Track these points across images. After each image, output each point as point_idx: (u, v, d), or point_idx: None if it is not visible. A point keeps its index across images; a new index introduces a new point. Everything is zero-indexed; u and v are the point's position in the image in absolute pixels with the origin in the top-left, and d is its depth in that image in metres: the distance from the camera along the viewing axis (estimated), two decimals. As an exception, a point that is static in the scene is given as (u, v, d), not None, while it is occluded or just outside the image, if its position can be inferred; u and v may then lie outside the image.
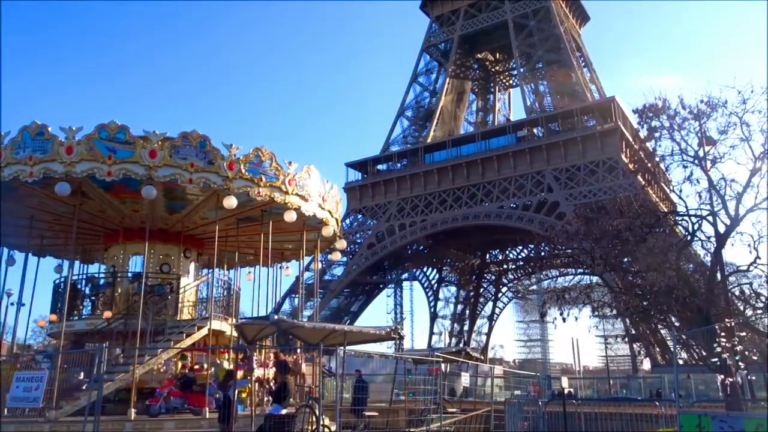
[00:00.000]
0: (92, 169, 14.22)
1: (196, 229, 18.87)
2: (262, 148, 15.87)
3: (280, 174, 16.08)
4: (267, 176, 15.74)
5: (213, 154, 15.01)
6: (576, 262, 21.27)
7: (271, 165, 15.93)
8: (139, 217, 17.71)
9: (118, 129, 14.53)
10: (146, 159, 14.38)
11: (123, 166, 14.33)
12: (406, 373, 21.60)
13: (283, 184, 16.07)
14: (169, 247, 18.75)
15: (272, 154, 15.99)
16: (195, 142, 14.95)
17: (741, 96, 15.77)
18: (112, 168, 14.24)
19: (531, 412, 17.99)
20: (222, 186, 14.99)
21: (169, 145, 14.63)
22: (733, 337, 12.54)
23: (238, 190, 15.17)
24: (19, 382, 12.83)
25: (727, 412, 12.41)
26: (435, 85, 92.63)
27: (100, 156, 14.24)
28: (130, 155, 14.39)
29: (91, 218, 17.64)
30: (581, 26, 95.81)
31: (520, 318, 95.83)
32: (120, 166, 14.31)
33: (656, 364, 59.80)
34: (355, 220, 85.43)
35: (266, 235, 16.70)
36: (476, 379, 28.54)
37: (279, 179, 16.01)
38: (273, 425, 12.84)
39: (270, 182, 15.78)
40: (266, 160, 15.85)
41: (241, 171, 15.22)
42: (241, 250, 21.34)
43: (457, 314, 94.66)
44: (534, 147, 73.70)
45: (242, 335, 15.34)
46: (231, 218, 17.50)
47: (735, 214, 15.74)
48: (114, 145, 14.39)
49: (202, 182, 14.90)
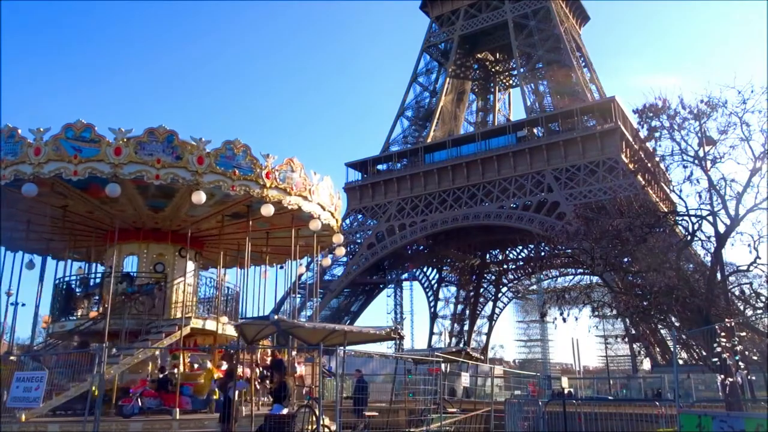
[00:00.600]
0: (59, 169, 14.12)
1: (192, 227, 18.53)
2: (235, 140, 15.34)
3: (256, 167, 15.45)
4: (241, 169, 15.17)
5: (181, 149, 14.60)
6: (576, 262, 21.22)
7: (246, 158, 15.33)
8: (130, 217, 17.65)
9: (84, 128, 14.40)
10: (111, 157, 14.14)
11: (88, 164, 14.15)
12: (406, 373, 21.60)
13: (260, 177, 15.42)
14: (163, 246, 18.50)
15: (246, 146, 15.41)
16: (162, 137, 14.58)
17: (741, 96, 15.72)
18: (78, 167, 14.12)
19: (531, 412, 17.99)
20: (191, 181, 14.54)
21: (135, 142, 14.38)
22: (733, 337, 12.51)
23: (209, 185, 14.72)
24: (19, 382, 12.83)
25: (727, 412, 12.40)
26: (435, 85, 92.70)
27: (66, 156, 14.13)
28: (95, 153, 14.20)
29: (83, 220, 17.61)
30: (581, 26, 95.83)
31: (520, 318, 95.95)
32: (85, 165, 14.14)
33: (656, 364, 59.85)
34: (355, 220, 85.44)
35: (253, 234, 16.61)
36: (476, 379, 28.54)
37: (255, 172, 15.38)
38: (273, 425, 12.85)
39: (245, 175, 15.19)
40: (240, 153, 15.27)
41: (212, 165, 14.73)
42: (242, 250, 21.35)
43: (457, 314, 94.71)
44: (534, 147, 73.73)
45: (242, 335, 15.34)
46: (218, 215, 17.19)
47: (735, 214, 15.72)
48: (80, 144, 14.27)
49: (170, 178, 14.44)
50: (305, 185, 16.75)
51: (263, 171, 15.52)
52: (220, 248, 20.24)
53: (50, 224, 17.71)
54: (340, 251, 22.57)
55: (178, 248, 18.68)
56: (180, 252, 18.72)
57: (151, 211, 17.27)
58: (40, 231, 18.18)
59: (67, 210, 16.67)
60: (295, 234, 18.32)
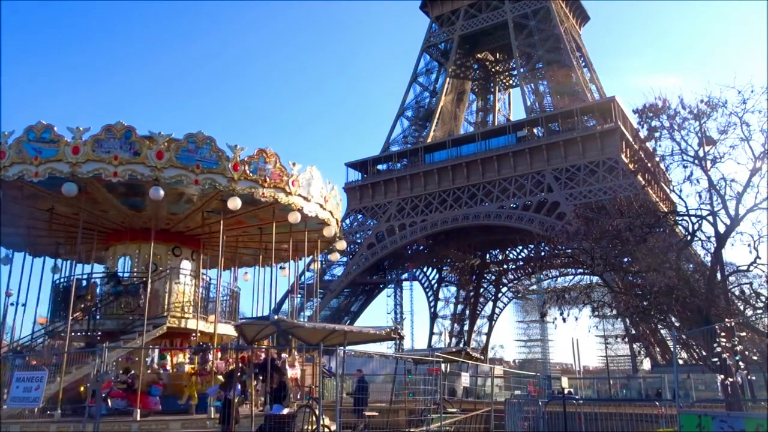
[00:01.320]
0: (22, 171, 14.25)
1: (180, 225, 18.57)
2: (198, 133, 15.03)
3: (222, 159, 15.10)
4: (205, 162, 14.86)
5: (139, 145, 14.48)
6: (576, 262, 21.21)
7: (210, 150, 15.01)
8: (117, 218, 17.65)
9: (44, 129, 14.48)
10: (69, 156, 14.16)
11: (48, 165, 14.20)
12: (406, 373, 21.60)
13: (227, 170, 15.07)
14: (156, 246, 18.16)
15: (209, 138, 15.08)
16: (119, 133, 14.51)
17: (741, 96, 15.71)
18: (39, 168, 14.19)
19: (531, 412, 17.99)
20: (151, 177, 14.39)
21: (93, 140, 14.38)
22: (733, 337, 12.51)
23: (170, 180, 14.53)
24: (19, 382, 12.82)
25: (727, 412, 12.40)
26: (435, 85, 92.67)
27: (28, 158, 14.22)
28: (54, 154, 14.25)
29: (74, 222, 17.62)
30: (581, 26, 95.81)
31: (520, 318, 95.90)
32: (46, 166, 14.20)
33: (656, 364, 59.80)
34: (355, 220, 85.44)
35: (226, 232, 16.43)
36: (476, 379, 28.54)
37: (221, 164, 15.05)
38: (273, 425, 12.85)
39: (209, 169, 14.88)
40: (203, 145, 14.95)
41: (172, 159, 14.55)
42: (240, 250, 21.35)
43: (457, 314, 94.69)
44: (534, 147, 73.71)
45: (242, 335, 15.34)
46: (199, 212, 17.05)
47: (735, 214, 15.71)
48: (40, 145, 14.32)
49: (127, 174, 14.34)
50: (282, 176, 16.16)
51: (230, 163, 15.09)
52: (218, 247, 20.23)
53: (42, 227, 17.78)
54: (340, 245, 21.83)
55: (171, 247, 18.58)
56: (173, 251, 18.60)
57: (133, 211, 17.20)
58: (35, 233, 18.26)
59: (53, 213, 16.75)
60: (291, 231, 18.01)
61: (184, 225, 18.27)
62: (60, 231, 18.31)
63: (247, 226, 18.62)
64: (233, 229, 18.82)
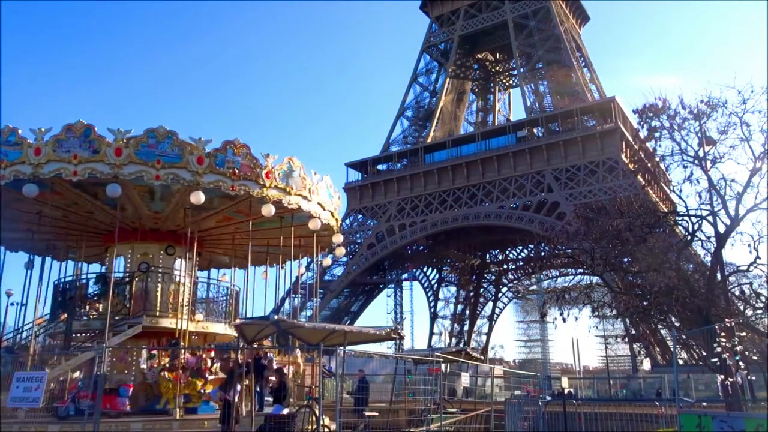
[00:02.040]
0: None
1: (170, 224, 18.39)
2: (159, 128, 14.78)
3: (186, 153, 14.78)
4: (166, 157, 14.63)
5: (98, 143, 14.39)
6: (576, 262, 21.22)
7: (172, 145, 14.74)
8: (106, 218, 17.60)
9: (10, 132, 14.63)
10: (32, 157, 14.22)
11: (13, 168, 14.34)
12: (406, 373, 21.61)
13: (190, 164, 14.71)
14: (147, 245, 18.28)
15: (171, 132, 14.86)
16: (78, 132, 14.45)
17: (741, 96, 15.73)
18: (5, 171, 14.32)
19: (531, 412, 17.99)
20: (110, 174, 14.28)
21: (54, 140, 14.39)
22: (733, 337, 12.52)
23: (130, 177, 14.41)
24: (19, 382, 12.83)
25: (727, 412, 12.41)
26: (435, 85, 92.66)
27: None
28: (18, 156, 14.37)
29: (67, 224, 17.77)
30: (581, 26, 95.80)
31: (520, 318, 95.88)
32: (11, 169, 14.33)
33: (656, 364, 59.81)
34: (355, 220, 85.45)
35: None
36: (476, 379, 28.54)
37: (184, 159, 14.73)
38: (273, 425, 12.85)
39: (171, 163, 14.62)
40: (164, 140, 14.68)
41: (131, 155, 14.37)
42: (240, 249, 21.31)
43: (457, 314, 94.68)
44: (534, 147, 73.72)
45: (242, 335, 15.33)
46: (179, 209, 16.87)
47: (735, 214, 15.73)
48: (6, 148, 14.49)
49: (87, 173, 14.29)
50: (254, 168, 15.72)
51: (194, 157, 14.84)
52: (217, 246, 20.20)
53: (41, 229, 17.80)
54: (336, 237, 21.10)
55: (165, 246, 18.48)
56: (167, 250, 18.49)
57: (115, 210, 17.10)
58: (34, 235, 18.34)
59: (42, 215, 16.84)
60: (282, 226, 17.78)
61: (173, 223, 18.13)
62: (54, 232, 18.35)
63: (237, 222, 18.44)
64: (222, 226, 18.60)
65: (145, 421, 14.32)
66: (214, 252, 21.87)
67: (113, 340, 15.75)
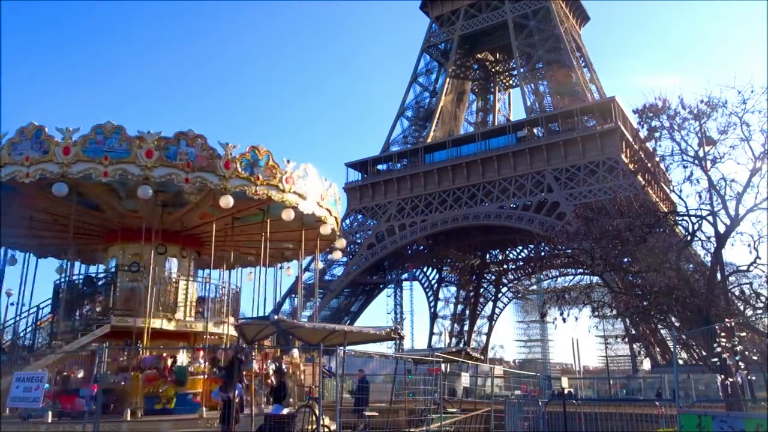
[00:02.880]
0: None
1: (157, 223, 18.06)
2: (106, 123, 14.69)
3: (134, 147, 14.57)
4: (114, 153, 14.47)
5: (48, 143, 14.44)
6: (576, 262, 21.22)
7: (120, 140, 14.55)
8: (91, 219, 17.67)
9: None
10: None
11: None
12: (406, 373, 21.60)
13: (138, 158, 14.54)
14: (138, 245, 17.83)
15: (119, 127, 14.66)
16: (30, 134, 14.53)
17: (741, 96, 15.73)
18: None
19: (531, 412, 18.00)
20: (59, 174, 14.28)
21: (9, 144, 14.49)
22: (733, 337, 12.52)
23: (78, 175, 14.36)
24: (19, 382, 12.83)
25: (727, 412, 12.41)
26: (435, 85, 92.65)
27: None
28: None
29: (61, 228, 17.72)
30: (581, 26, 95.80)
31: (520, 318, 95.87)
32: None
33: (656, 364, 59.80)
34: (355, 220, 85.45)
35: None
36: (476, 379, 28.54)
37: (132, 153, 14.53)
38: (273, 425, 12.86)
39: (119, 159, 14.44)
40: (111, 135, 14.51)
41: (79, 154, 14.34)
42: (240, 250, 21.29)
43: (457, 314, 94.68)
44: (534, 147, 73.72)
45: (242, 335, 15.33)
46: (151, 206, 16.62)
47: (735, 214, 15.73)
48: None
49: (38, 174, 14.32)
50: (208, 159, 15.18)
51: (142, 150, 14.58)
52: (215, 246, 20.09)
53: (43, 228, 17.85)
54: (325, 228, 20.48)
55: (154, 246, 18.20)
56: (157, 249, 18.24)
57: (96, 211, 17.23)
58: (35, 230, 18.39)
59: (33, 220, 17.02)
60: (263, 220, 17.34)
61: (158, 221, 17.98)
62: (53, 234, 18.41)
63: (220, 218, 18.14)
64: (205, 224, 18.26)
65: (144, 421, 14.29)
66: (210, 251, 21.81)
67: (82, 340, 15.59)
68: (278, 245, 19.84)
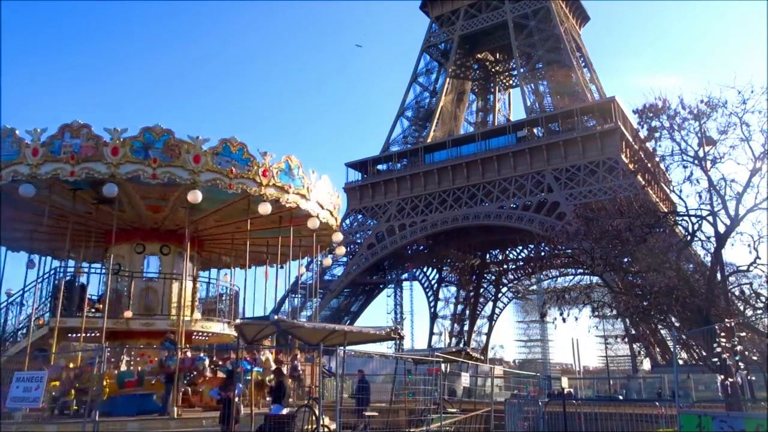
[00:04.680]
0: None
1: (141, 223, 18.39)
2: (72, 123, 14.80)
3: (100, 146, 14.62)
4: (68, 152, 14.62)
5: (18, 145, 14.81)
6: (576, 262, 21.23)
7: (87, 139, 14.69)
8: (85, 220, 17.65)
9: None
10: None
11: None
12: (406, 373, 21.59)
13: (104, 156, 14.63)
14: (120, 246, 17.88)
15: (84, 125, 14.78)
16: (5, 136, 15.01)
17: (741, 96, 15.72)
18: None
19: (531, 412, 18.00)
20: (29, 175, 14.55)
21: None
22: (733, 337, 12.51)
23: (47, 175, 14.54)
24: (19, 382, 12.82)
25: (727, 412, 12.40)
26: (435, 85, 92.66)
27: None
28: None
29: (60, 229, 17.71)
30: (581, 26, 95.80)
31: (520, 318, 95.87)
32: None
33: (656, 364, 59.79)
34: (355, 220, 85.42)
35: None
36: (476, 379, 28.52)
37: (98, 151, 14.61)
38: (273, 425, 12.84)
39: (85, 157, 14.54)
40: (79, 136, 14.68)
41: (46, 154, 14.60)
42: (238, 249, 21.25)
43: (457, 314, 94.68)
44: (534, 147, 73.71)
45: (242, 335, 15.33)
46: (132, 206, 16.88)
47: (735, 214, 15.72)
48: None
49: (11, 177, 14.67)
50: (178, 155, 15.07)
51: (108, 148, 14.61)
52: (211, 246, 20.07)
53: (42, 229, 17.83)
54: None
55: (134, 245, 18.37)
56: (135, 248, 18.34)
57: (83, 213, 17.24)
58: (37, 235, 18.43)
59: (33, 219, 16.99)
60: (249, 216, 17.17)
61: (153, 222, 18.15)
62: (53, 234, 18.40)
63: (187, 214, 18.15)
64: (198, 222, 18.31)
65: (142, 421, 14.27)
66: (213, 252, 21.84)
67: None
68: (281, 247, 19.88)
